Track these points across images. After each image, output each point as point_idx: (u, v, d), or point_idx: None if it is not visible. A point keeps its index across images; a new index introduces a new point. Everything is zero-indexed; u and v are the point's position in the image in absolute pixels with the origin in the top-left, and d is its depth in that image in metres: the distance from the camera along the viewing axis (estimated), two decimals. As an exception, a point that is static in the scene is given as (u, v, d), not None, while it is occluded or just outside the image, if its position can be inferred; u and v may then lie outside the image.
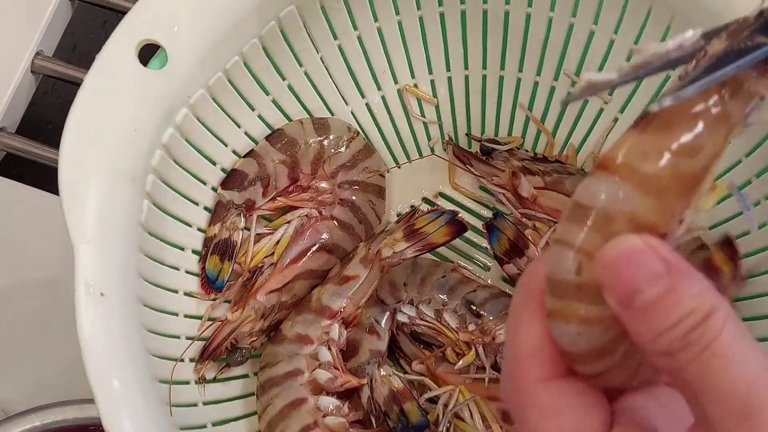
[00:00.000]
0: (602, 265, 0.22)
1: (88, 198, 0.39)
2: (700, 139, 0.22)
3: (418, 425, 0.45)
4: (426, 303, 0.50)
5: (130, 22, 0.41)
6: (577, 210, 0.23)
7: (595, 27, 0.48)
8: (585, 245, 0.23)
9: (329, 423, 0.46)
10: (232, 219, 0.49)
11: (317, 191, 0.52)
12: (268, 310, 0.49)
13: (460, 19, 0.51)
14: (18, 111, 0.58)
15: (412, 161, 0.56)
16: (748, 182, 0.45)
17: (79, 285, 0.37)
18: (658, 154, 0.22)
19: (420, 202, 0.56)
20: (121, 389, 0.37)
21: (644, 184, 0.22)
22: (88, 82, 0.40)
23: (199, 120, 0.46)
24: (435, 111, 0.55)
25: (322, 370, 0.47)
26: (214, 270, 0.48)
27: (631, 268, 0.22)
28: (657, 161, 0.22)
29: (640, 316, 0.22)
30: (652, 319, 0.22)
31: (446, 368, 0.49)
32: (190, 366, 0.46)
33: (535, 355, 0.24)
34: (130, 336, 0.40)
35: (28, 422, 0.47)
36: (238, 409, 0.48)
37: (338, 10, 0.49)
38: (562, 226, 0.23)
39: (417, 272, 0.51)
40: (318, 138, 0.51)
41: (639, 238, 0.22)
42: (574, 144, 0.53)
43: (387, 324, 0.50)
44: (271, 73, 0.49)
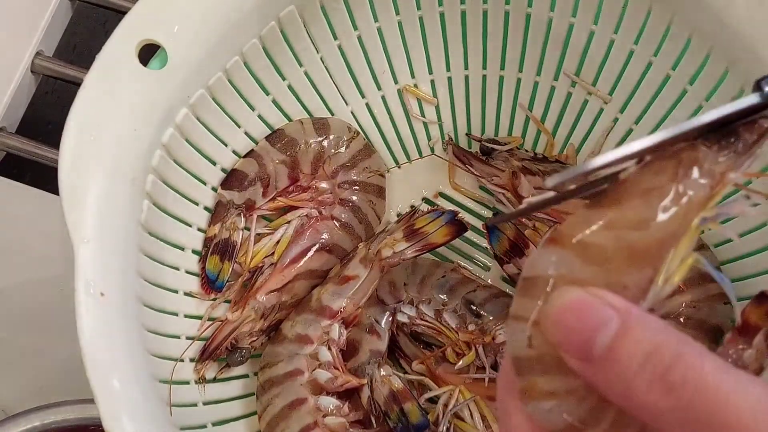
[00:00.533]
0: (549, 323, 0.21)
1: (88, 198, 0.39)
2: (648, 212, 0.22)
3: (418, 425, 0.45)
4: (426, 303, 0.50)
5: (130, 22, 0.41)
6: (524, 284, 0.23)
7: (595, 27, 0.48)
8: (529, 314, 0.22)
9: (329, 423, 0.46)
10: (232, 219, 0.49)
11: (317, 191, 0.52)
12: (268, 310, 0.49)
13: (460, 19, 0.51)
14: (18, 111, 0.58)
15: (412, 161, 0.56)
16: (748, 182, 0.45)
17: (79, 285, 0.37)
18: (601, 226, 0.22)
19: (420, 202, 0.56)
20: (121, 389, 0.37)
21: (586, 253, 0.22)
22: (88, 82, 0.40)
23: (199, 120, 0.46)
24: (435, 111, 0.55)
25: (322, 370, 0.47)
26: (214, 270, 0.48)
27: (578, 318, 0.21)
28: (599, 232, 0.22)
29: (603, 368, 0.21)
30: (615, 367, 0.20)
31: (446, 368, 0.49)
32: (190, 366, 0.46)
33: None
34: (130, 336, 0.40)
35: (28, 422, 0.47)
36: (238, 409, 0.48)
37: (338, 10, 0.49)
38: (513, 302, 0.23)
39: (417, 272, 0.51)
40: (318, 138, 0.51)
41: (580, 288, 0.21)
42: (574, 144, 0.53)
43: (387, 324, 0.50)
44: (271, 73, 0.49)
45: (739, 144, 0.23)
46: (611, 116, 0.51)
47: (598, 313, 0.21)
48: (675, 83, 0.47)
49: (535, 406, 0.22)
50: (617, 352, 0.20)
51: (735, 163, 0.23)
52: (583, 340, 0.21)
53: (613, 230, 0.22)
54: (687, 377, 0.20)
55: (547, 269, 0.22)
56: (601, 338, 0.20)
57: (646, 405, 0.20)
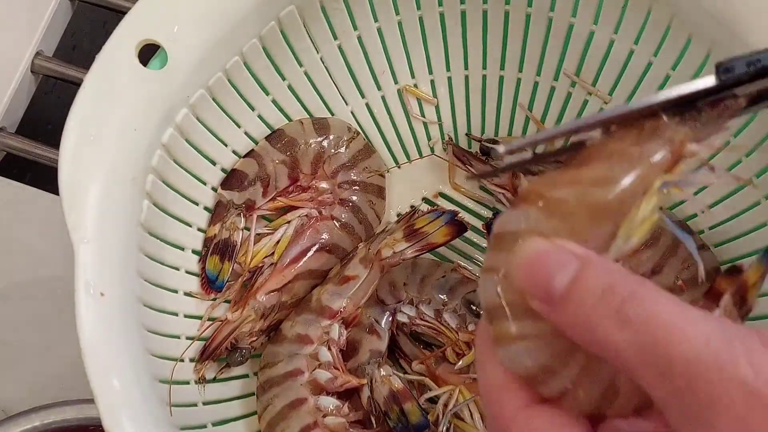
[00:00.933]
0: (515, 271, 0.23)
1: (88, 198, 0.39)
2: (610, 172, 0.23)
3: (418, 425, 0.45)
4: (426, 303, 0.50)
5: (130, 22, 0.41)
6: (493, 240, 0.24)
7: (595, 27, 0.48)
8: (500, 265, 0.24)
9: (329, 423, 0.46)
10: (232, 219, 0.49)
11: (317, 191, 0.52)
12: (268, 310, 0.49)
13: (460, 19, 0.51)
14: (18, 111, 0.58)
15: (412, 161, 0.56)
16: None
17: (79, 285, 0.37)
18: (565, 183, 0.24)
19: (420, 202, 0.56)
20: (121, 389, 0.37)
21: (550, 208, 0.23)
22: (88, 82, 0.40)
23: (199, 120, 0.46)
24: (435, 111, 0.55)
25: (322, 370, 0.47)
26: (214, 270, 0.48)
27: (541, 264, 0.22)
28: (563, 188, 0.23)
29: (563, 308, 0.22)
30: (574, 306, 0.22)
31: (446, 368, 0.49)
32: (190, 366, 0.46)
33: (503, 388, 0.24)
34: (130, 336, 0.40)
35: (28, 422, 0.47)
36: (237, 409, 0.48)
37: (338, 10, 0.49)
38: (485, 258, 0.25)
39: (417, 272, 0.51)
40: (318, 138, 0.51)
41: (544, 239, 0.23)
42: (574, 144, 0.53)
43: (387, 324, 0.50)
44: (271, 73, 0.49)
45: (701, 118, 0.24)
46: (611, 116, 0.51)
47: (559, 258, 0.22)
48: (675, 83, 0.47)
49: (506, 351, 0.24)
50: (575, 292, 0.22)
51: (695, 135, 0.24)
52: (545, 282, 0.22)
53: (577, 186, 0.23)
54: (641, 311, 0.21)
55: (514, 225, 0.24)
56: (561, 279, 0.22)
57: (603, 341, 0.21)
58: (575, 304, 0.22)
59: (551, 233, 0.23)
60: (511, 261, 0.23)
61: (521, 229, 0.24)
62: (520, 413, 0.24)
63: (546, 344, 0.23)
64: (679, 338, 0.20)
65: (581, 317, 0.22)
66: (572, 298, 0.22)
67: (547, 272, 0.22)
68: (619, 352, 0.21)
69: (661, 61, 0.47)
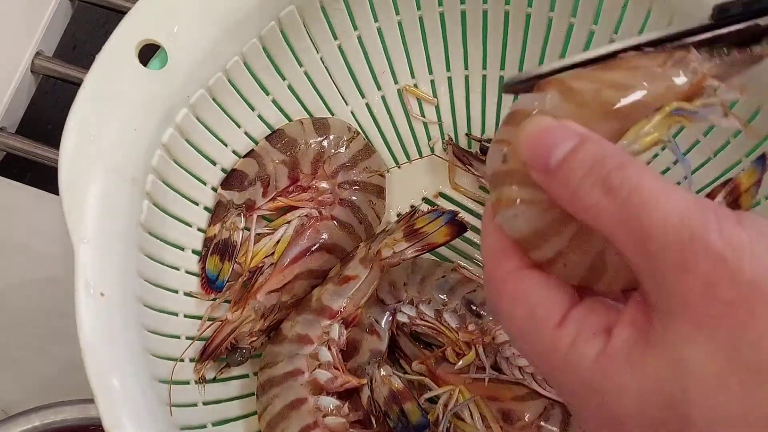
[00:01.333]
0: (520, 142, 0.24)
1: (88, 198, 0.39)
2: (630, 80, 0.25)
3: (418, 425, 0.45)
4: (426, 303, 0.50)
5: (130, 22, 0.41)
6: (509, 116, 0.26)
7: (595, 27, 0.48)
8: (510, 138, 0.25)
9: (329, 423, 0.46)
10: (232, 219, 0.49)
11: (317, 191, 0.52)
12: (268, 310, 0.49)
13: (460, 19, 0.51)
14: (18, 111, 0.58)
15: (412, 161, 0.56)
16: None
17: (79, 285, 0.37)
18: (586, 78, 0.25)
19: (420, 202, 0.56)
20: (121, 389, 0.37)
21: (566, 95, 0.25)
22: (88, 82, 0.40)
23: (199, 120, 0.46)
24: (435, 111, 0.55)
25: (322, 370, 0.47)
26: (214, 270, 0.48)
27: (544, 137, 0.24)
28: (583, 81, 0.25)
29: (557, 176, 0.24)
30: (566, 173, 0.23)
31: (446, 368, 0.49)
32: (190, 366, 0.46)
33: (499, 250, 0.26)
34: (130, 336, 0.40)
35: (28, 422, 0.47)
36: (237, 409, 0.48)
37: (338, 10, 0.49)
38: (497, 131, 0.26)
39: (417, 272, 0.51)
40: (318, 138, 0.51)
41: (551, 118, 0.24)
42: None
43: (387, 324, 0.50)
44: (271, 73, 0.49)
45: (728, 59, 0.25)
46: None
47: (562, 133, 0.24)
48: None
49: (504, 213, 0.25)
50: (569, 162, 0.23)
51: (719, 71, 0.25)
52: (545, 154, 0.24)
53: (597, 84, 0.25)
54: (624, 181, 0.22)
55: (529, 105, 0.25)
56: (559, 151, 0.24)
57: (590, 207, 0.23)
58: (567, 172, 0.23)
59: (562, 117, 0.24)
60: (517, 132, 0.25)
61: (534, 108, 0.25)
62: (511, 274, 0.25)
63: (541, 211, 0.25)
64: (657, 206, 0.22)
65: (572, 185, 0.23)
66: (566, 167, 0.23)
67: (548, 145, 0.24)
68: (603, 218, 0.23)
69: (661, 61, 0.47)
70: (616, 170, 0.23)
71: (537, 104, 0.25)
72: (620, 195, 0.22)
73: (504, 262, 0.26)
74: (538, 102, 0.25)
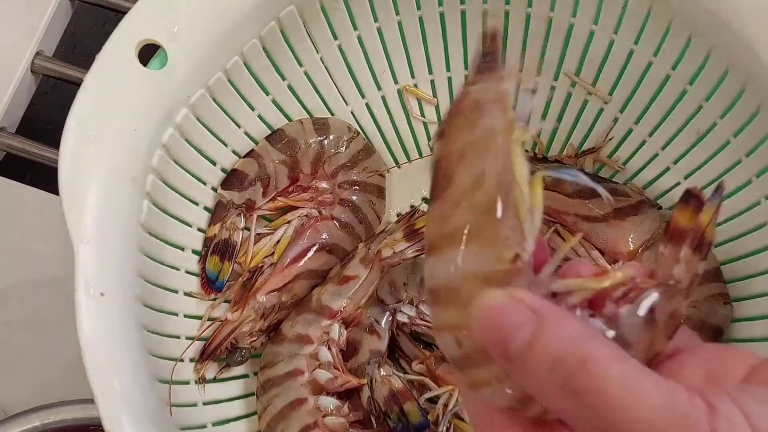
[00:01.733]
0: (475, 328, 0.23)
1: (88, 198, 0.39)
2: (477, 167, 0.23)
3: (418, 425, 0.45)
4: (426, 303, 0.50)
5: (130, 22, 0.41)
6: (431, 296, 0.24)
7: (595, 27, 0.48)
8: (455, 322, 0.23)
9: (329, 423, 0.46)
10: (232, 219, 0.49)
11: (317, 191, 0.52)
12: (268, 310, 0.49)
13: (460, 19, 0.51)
14: (18, 111, 0.58)
15: (412, 161, 0.56)
16: (748, 182, 0.45)
17: (79, 285, 0.37)
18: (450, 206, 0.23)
19: (420, 202, 0.56)
20: (121, 389, 0.37)
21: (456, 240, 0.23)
22: (88, 82, 0.40)
23: (199, 120, 0.46)
24: (435, 111, 0.55)
25: (322, 370, 0.47)
26: (214, 270, 0.48)
27: (498, 320, 0.22)
28: (454, 213, 0.23)
29: (519, 365, 0.22)
30: (529, 367, 0.22)
31: (446, 368, 0.49)
32: (190, 366, 0.46)
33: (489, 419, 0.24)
34: (130, 336, 0.40)
35: (28, 422, 0.47)
36: (238, 409, 0.48)
37: (338, 10, 0.49)
38: (432, 314, 0.24)
39: (417, 272, 0.51)
40: (318, 138, 0.51)
41: (500, 291, 0.23)
42: (574, 144, 0.53)
43: (387, 324, 0.50)
44: (271, 73, 0.49)
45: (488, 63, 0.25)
46: (611, 116, 0.51)
47: (516, 316, 0.22)
48: (675, 83, 0.47)
49: (484, 393, 0.24)
50: (529, 358, 0.22)
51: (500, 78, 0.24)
52: (502, 342, 0.22)
53: (461, 204, 0.23)
54: (589, 384, 0.21)
55: (444, 275, 0.23)
56: (515, 343, 0.22)
57: (556, 408, 0.22)
58: (529, 370, 0.22)
59: (477, 262, 0.23)
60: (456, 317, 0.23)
61: (452, 276, 0.23)
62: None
63: (514, 383, 0.23)
64: (625, 412, 0.20)
65: (536, 384, 0.22)
66: (526, 363, 0.22)
67: (503, 332, 0.22)
68: (571, 417, 0.21)
69: (661, 60, 0.47)
70: (578, 372, 0.21)
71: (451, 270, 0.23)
72: (587, 400, 0.21)
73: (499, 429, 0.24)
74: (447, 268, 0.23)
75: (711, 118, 0.46)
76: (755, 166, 0.45)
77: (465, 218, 0.23)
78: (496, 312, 0.22)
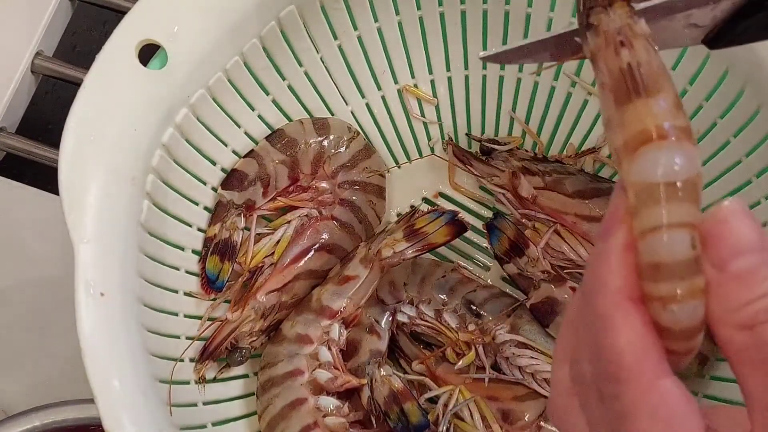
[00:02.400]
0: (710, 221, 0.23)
1: (88, 198, 0.39)
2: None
3: (418, 425, 0.45)
4: (426, 303, 0.50)
5: (130, 22, 0.41)
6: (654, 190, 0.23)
7: (595, 27, 0.48)
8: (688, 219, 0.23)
9: (329, 423, 0.46)
10: (232, 219, 0.49)
11: (317, 191, 0.52)
12: (268, 310, 0.49)
13: (460, 19, 0.51)
14: (18, 111, 0.58)
15: (412, 161, 0.56)
16: (748, 182, 0.45)
17: (79, 285, 0.37)
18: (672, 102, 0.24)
19: (420, 202, 0.56)
20: (121, 389, 0.37)
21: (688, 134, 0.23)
22: (88, 82, 0.40)
23: (199, 120, 0.46)
24: (435, 111, 0.55)
25: (323, 370, 0.47)
26: (214, 270, 0.48)
27: (734, 233, 0.22)
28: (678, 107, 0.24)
29: (733, 280, 0.22)
30: (744, 285, 0.22)
31: (446, 368, 0.49)
32: (190, 366, 0.46)
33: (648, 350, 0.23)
34: (130, 336, 0.40)
35: (28, 422, 0.47)
36: (238, 409, 0.48)
37: (338, 10, 0.49)
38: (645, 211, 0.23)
39: (417, 272, 0.51)
40: (318, 138, 0.51)
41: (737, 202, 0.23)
42: (574, 144, 0.53)
43: (387, 324, 0.50)
44: (271, 73, 0.49)
45: None
46: (611, 116, 0.51)
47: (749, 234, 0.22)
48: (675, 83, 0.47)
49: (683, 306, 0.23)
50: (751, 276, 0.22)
51: None
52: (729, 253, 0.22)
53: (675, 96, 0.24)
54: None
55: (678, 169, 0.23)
56: (745, 259, 0.22)
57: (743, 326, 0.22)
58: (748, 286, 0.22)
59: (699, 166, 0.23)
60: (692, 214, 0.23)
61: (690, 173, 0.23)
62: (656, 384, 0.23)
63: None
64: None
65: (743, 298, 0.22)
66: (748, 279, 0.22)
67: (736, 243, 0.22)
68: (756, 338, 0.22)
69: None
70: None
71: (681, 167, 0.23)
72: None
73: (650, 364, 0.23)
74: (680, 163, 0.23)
75: (711, 118, 0.46)
76: (755, 166, 0.45)
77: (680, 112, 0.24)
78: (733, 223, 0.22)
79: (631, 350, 0.23)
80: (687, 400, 0.23)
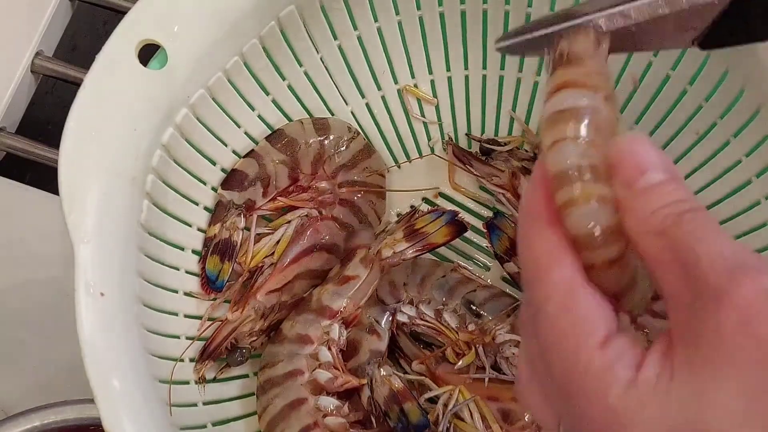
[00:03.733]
0: (615, 149, 0.25)
1: (88, 198, 0.39)
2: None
3: (418, 425, 0.45)
4: (426, 303, 0.50)
5: (130, 22, 0.41)
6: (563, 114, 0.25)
7: (595, 27, 0.48)
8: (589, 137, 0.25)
9: (329, 423, 0.46)
10: (232, 219, 0.49)
11: (317, 191, 0.52)
12: (268, 310, 0.49)
13: (460, 19, 0.51)
14: (18, 111, 0.58)
15: (412, 161, 0.56)
16: (748, 182, 0.45)
17: (79, 285, 0.37)
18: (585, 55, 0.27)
19: (420, 202, 0.56)
20: (121, 389, 0.37)
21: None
22: (88, 82, 0.40)
23: (199, 120, 0.46)
24: (435, 111, 0.55)
25: (323, 370, 0.47)
26: (214, 270, 0.48)
27: (638, 156, 0.25)
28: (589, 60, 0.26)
29: (641, 194, 0.24)
30: (651, 196, 0.24)
31: (446, 368, 0.49)
32: (190, 366, 0.46)
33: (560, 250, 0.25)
34: (130, 336, 0.40)
35: (28, 422, 0.47)
36: (238, 409, 0.48)
37: (338, 10, 0.49)
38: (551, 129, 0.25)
39: (417, 272, 0.51)
40: (318, 138, 0.51)
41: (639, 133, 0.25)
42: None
43: (387, 324, 0.50)
44: (271, 73, 0.49)
45: None
46: (611, 116, 0.51)
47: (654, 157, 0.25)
48: (675, 83, 0.47)
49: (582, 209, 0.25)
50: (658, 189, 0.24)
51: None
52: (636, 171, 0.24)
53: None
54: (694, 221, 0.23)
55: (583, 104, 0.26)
56: (652, 176, 0.24)
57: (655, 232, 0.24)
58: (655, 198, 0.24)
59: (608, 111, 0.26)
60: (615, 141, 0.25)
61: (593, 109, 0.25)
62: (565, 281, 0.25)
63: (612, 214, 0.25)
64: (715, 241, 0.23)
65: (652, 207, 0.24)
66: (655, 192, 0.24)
67: (643, 163, 0.24)
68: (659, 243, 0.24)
69: (661, 61, 0.47)
70: (691, 212, 0.23)
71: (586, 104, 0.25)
72: (688, 224, 0.23)
73: (562, 263, 0.25)
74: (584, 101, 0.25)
75: (711, 118, 0.46)
76: (755, 166, 0.45)
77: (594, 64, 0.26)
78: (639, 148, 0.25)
79: (545, 257, 0.25)
80: (597, 303, 0.25)
